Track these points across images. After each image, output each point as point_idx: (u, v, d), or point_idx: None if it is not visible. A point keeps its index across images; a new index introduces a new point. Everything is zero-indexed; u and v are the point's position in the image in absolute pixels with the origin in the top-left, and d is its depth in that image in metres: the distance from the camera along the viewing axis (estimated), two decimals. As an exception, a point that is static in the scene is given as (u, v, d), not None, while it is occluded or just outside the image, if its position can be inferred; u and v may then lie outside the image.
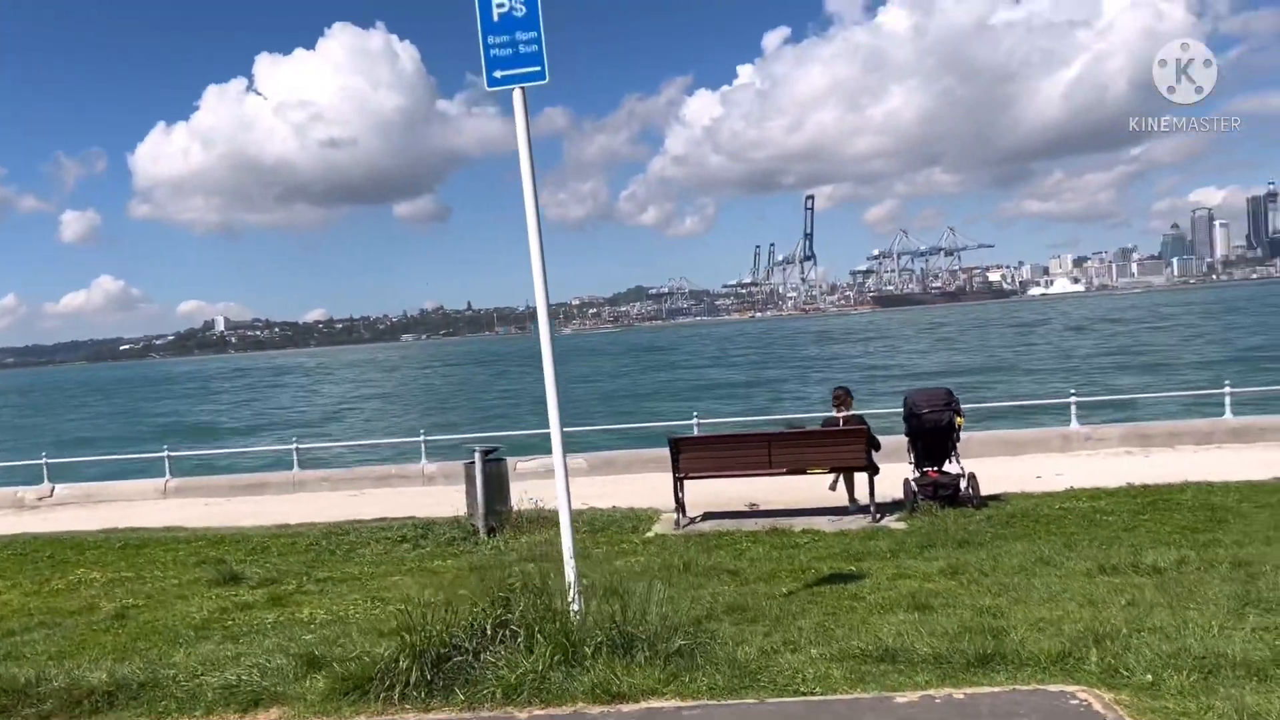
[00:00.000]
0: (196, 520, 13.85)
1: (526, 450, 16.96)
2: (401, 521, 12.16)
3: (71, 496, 16.15)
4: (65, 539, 12.54)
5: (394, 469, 15.77)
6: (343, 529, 11.78)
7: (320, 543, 11.06)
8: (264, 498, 15.56)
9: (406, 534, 11.05)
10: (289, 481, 15.81)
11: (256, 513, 14.42)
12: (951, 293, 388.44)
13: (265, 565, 9.96)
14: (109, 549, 11.59)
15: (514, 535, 10.59)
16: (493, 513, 10.89)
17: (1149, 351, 54.83)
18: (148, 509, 15.35)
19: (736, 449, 10.77)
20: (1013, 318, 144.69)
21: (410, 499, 14.51)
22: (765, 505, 11.74)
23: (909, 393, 10.78)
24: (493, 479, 11.02)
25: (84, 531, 13.16)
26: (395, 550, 10.43)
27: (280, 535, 11.80)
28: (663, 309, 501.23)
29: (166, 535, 12.39)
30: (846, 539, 9.21)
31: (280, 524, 12.96)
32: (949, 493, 10.35)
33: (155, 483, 16.15)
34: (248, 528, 12.74)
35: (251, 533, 12.17)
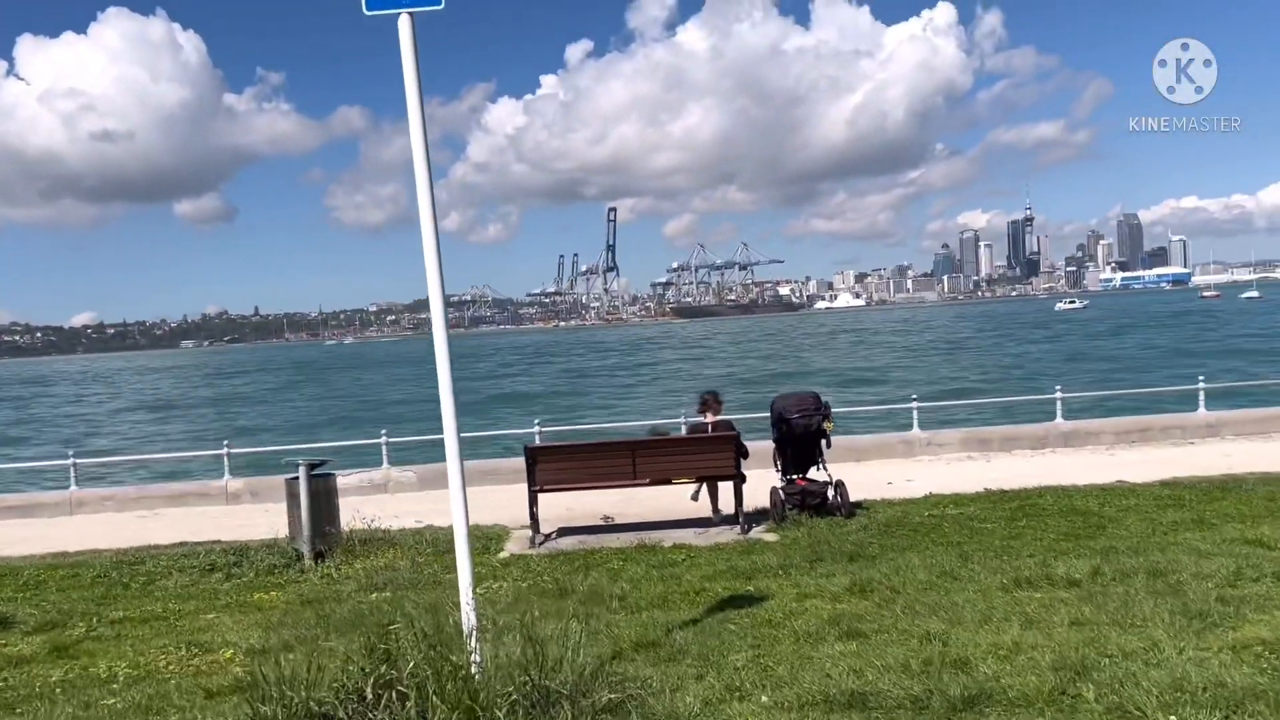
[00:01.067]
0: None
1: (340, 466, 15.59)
2: (207, 546, 10.61)
3: None
4: None
5: (192, 486, 13.93)
6: (136, 557, 10.13)
7: (110, 574, 9.41)
8: (35, 521, 13.34)
9: (216, 561, 9.55)
10: (65, 501, 13.67)
11: (25, 538, 12.30)
12: (745, 305, 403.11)
13: (42, 604, 8.28)
14: None
15: (346, 560, 9.34)
16: (321, 535, 9.58)
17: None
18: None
19: (598, 458, 9.95)
20: (812, 328, 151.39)
21: (214, 520, 12.82)
22: (622, 518, 11.00)
23: (776, 397, 10.32)
24: (320, 496, 9.70)
25: None
26: (205, 581, 8.96)
27: (58, 566, 9.99)
28: (465, 316, 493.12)
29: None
30: (725, 554, 8.59)
31: (57, 552, 11.07)
32: (818, 501, 9.94)
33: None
34: (16, 558, 10.78)
35: (21, 564, 10.26)
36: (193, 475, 17.29)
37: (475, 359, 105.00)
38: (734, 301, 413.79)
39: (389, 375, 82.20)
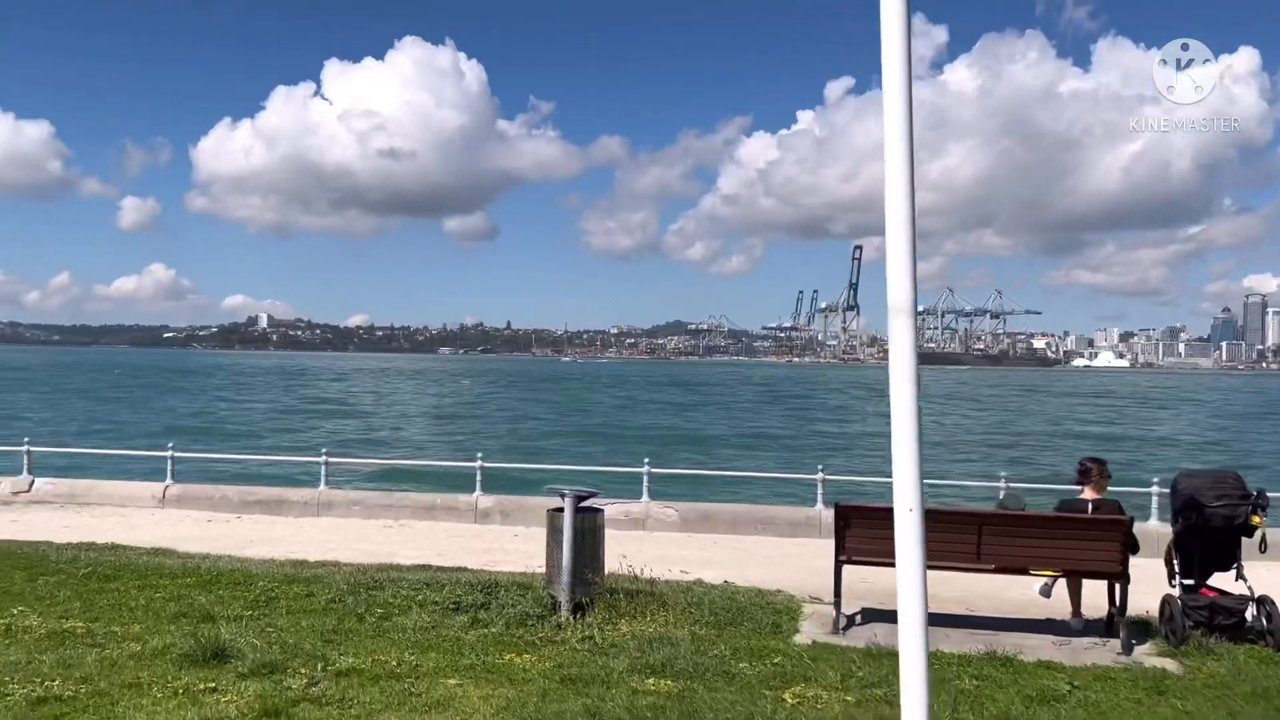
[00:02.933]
0: (193, 542, 11.07)
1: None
2: (452, 574, 9.30)
3: (53, 494, 13.45)
4: (22, 554, 9.79)
5: (440, 499, 12.89)
6: (376, 579, 8.89)
7: (346, 599, 8.18)
8: (279, 520, 12.72)
9: (462, 599, 8.12)
10: (313, 501, 12.98)
11: (268, 538, 11.60)
12: (994, 355, 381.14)
13: (266, 632, 7.09)
14: (70, 576, 8.79)
15: (609, 618, 7.66)
16: (582, 582, 7.95)
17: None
18: (139, 519, 12.59)
19: (931, 531, 7.72)
20: (1071, 387, 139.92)
21: (461, 541, 11.64)
22: (940, 604, 8.72)
23: (1182, 475, 7.74)
24: (585, 536, 8.08)
25: (51, 544, 10.40)
26: (447, 624, 7.51)
27: (294, 580, 8.93)
28: (700, 345, 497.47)
29: (148, 563, 9.56)
30: (1120, 686, 6.19)
31: (296, 559, 10.15)
32: (1233, 621, 7.29)
33: (153, 487, 13.40)
34: (253, 561, 9.92)
35: (257, 571, 9.31)
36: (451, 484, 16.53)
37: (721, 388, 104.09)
38: (982, 351, 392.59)
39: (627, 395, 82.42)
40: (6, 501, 13.37)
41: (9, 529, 11.77)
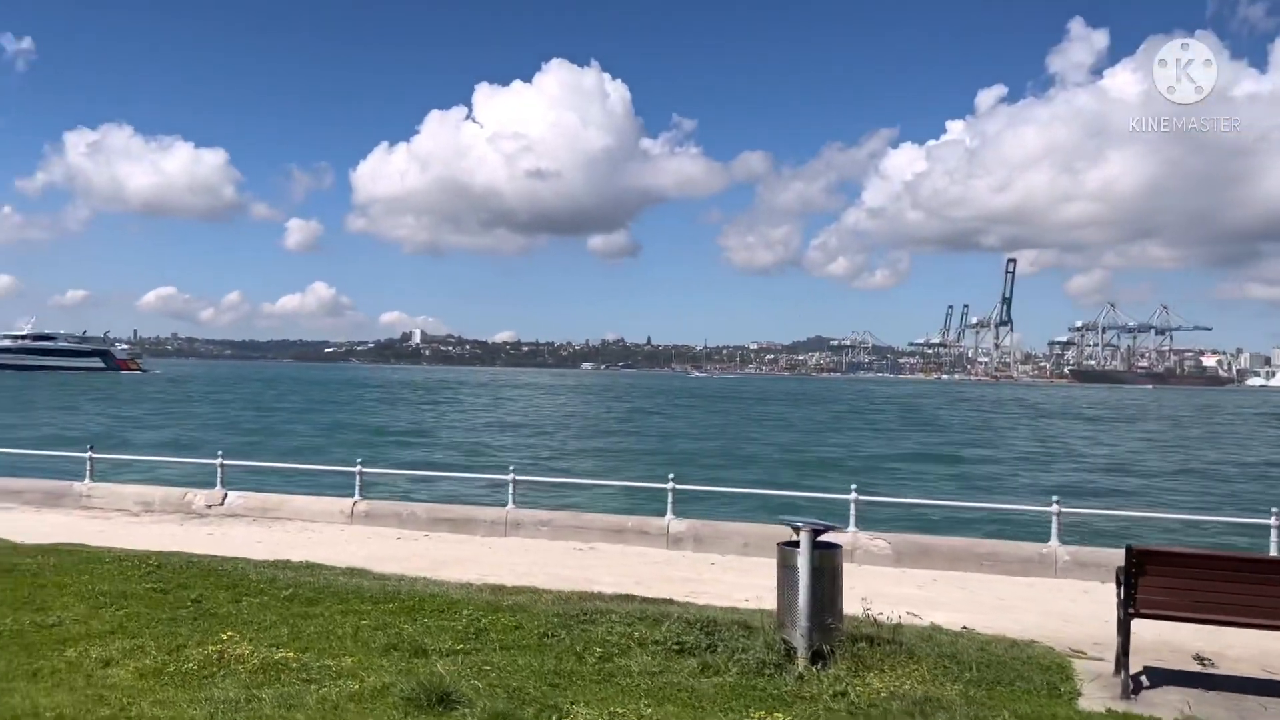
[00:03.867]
0: (387, 561, 10.75)
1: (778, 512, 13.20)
2: (659, 608, 8.60)
3: (245, 508, 13.47)
4: (223, 570, 9.60)
5: (630, 521, 12.22)
6: (583, 611, 8.24)
7: (558, 631, 7.55)
8: (469, 539, 12.32)
9: (684, 639, 7.37)
10: (500, 520, 12.53)
11: (459, 559, 11.19)
12: (1159, 374, 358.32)
13: (484, 671, 6.49)
14: (273, 598, 8.48)
15: (856, 670, 6.74)
16: (821, 628, 7.06)
17: None
18: (330, 535, 12.41)
19: (1240, 579, 6.52)
20: (1256, 405, 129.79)
21: (656, 568, 10.94)
22: (1223, 662, 7.49)
23: None
24: (823, 575, 7.20)
25: (248, 561, 10.23)
26: (675, 668, 6.76)
27: (498, 608, 8.37)
28: (842, 361, 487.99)
29: (347, 585, 9.20)
30: None
31: (493, 583, 9.63)
32: None
33: (342, 503, 13.24)
34: (451, 585, 9.45)
35: (458, 597, 8.81)
36: (635, 504, 15.97)
37: (860, 401, 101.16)
38: (1145, 369, 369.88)
39: (776, 413, 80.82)
40: (201, 514, 13.48)
41: (205, 543, 11.77)
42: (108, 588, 8.57)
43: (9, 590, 8.42)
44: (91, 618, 7.62)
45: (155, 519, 13.27)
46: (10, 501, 14.20)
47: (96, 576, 9.05)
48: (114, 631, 7.25)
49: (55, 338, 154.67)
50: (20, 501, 14.18)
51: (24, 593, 8.37)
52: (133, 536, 11.94)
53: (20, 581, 8.77)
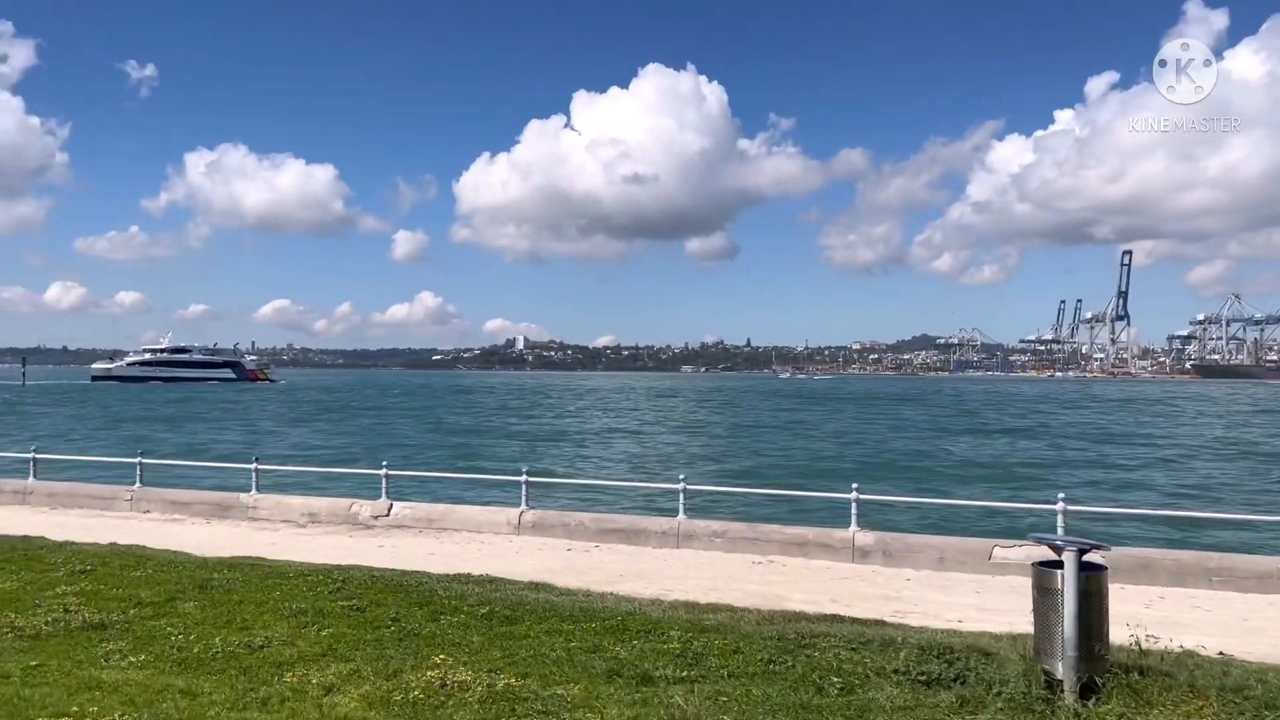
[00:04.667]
0: (564, 574, 10.40)
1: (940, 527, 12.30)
2: (875, 630, 7.97)
3: (411, 518, 13.33)
4: (408, 585, 9.36)
5: (811, 533, 11.59)
6: (799, 635, 7.67)
7: (782, 658, 7.00)
8: (640, 550, 11.90)
9: (925, 668, 6.74)
10: (672, 531, 12.06)
11: (637, 572, 10.76)
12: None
13: (723, 702, 6.01)
14: (471, 617, 8.15)
15: (1135, 704, 6.01)
16: (1089, 657, 6.34)
17: None
18: (499, 546, 12.15)
19: None
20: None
21: (847, 584, 10.30)
22: None
23: None
24: (1090, 600, 6.46)
25: (428, 574, 9.98)
26: (929, 704, 6.14)
27: (702, 627, 7.89)
28: (949, 360, 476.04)
29: (539, 601, 8.84)
30: None
31: (683, 600, 9.17)
32: None
33: (508, 513, 12.97)
34: (643, 601, 9.01)
35: (657, 615, 8.35)
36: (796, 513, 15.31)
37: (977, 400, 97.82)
38: (1275, 363, 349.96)
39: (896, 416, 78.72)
40: (367, 525, 13.40)
41: (379, 555, 11.62)
42: (304, 605, 8.39)
43: (209, 608, 8.31)
44: (297, 638, 7.41)
45: (323, 530, 13.24)
46: (180, 513, 14.41)
47: (287, 593, 8.90)
48: (325, 654, 7.00)
49: (190, 350, 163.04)
50: (189, 513, 14.37)
51: (223, 611, 8.24)
52: (305, 549, 11.89)
53: (216, 598, 8.68)
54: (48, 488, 15.60)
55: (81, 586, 9.01)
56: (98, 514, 14.59)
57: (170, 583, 9.28)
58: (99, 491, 15.32)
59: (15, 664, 6.64)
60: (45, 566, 9.95)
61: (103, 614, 8.03)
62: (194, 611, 8.21)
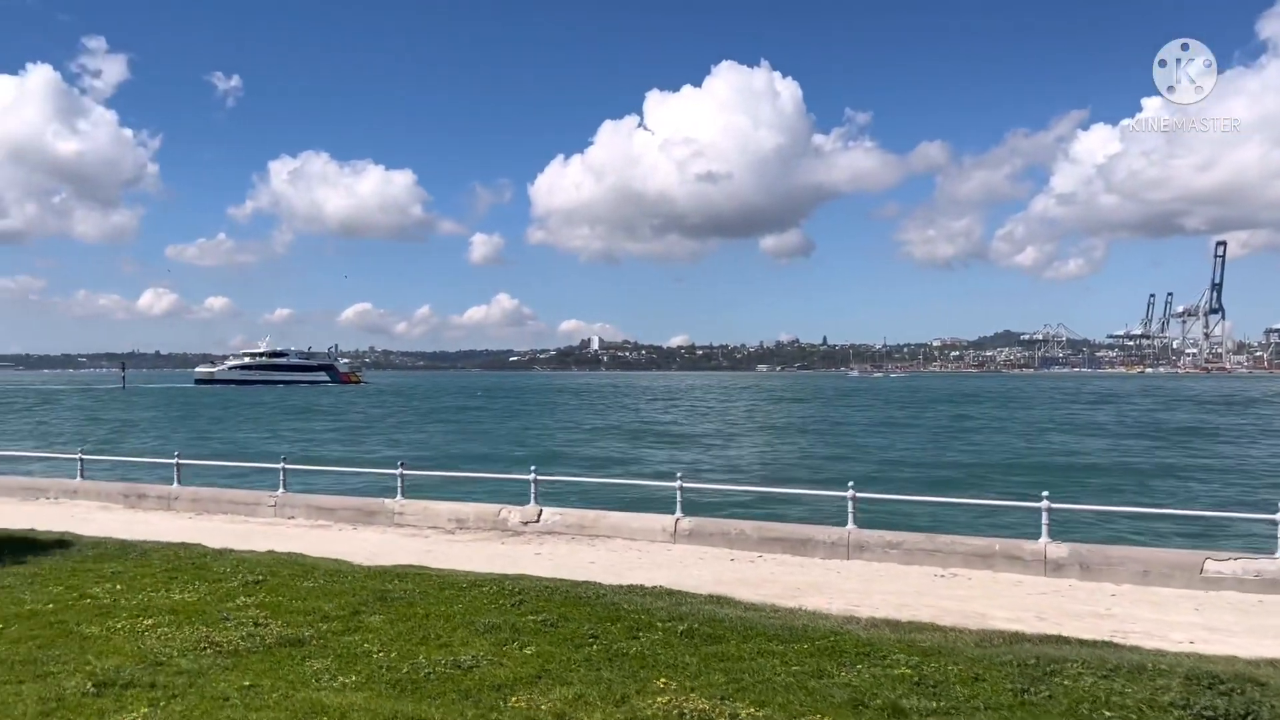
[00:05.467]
0: (736, 585, 9.93)
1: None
2: (1112, 654, 7.32)
3: (562, 525, 12.97)
4: (584, 596, 8.96)
5: (998, 545, 10.89)
6: (1038, 659, 7.05)
7: (1034, 688, 6.39)
8: (808, 561, 11.35)
9: (1208, 701, 6.09)
10: (841, 541, 11.47)
11: (814, 584, 10.22)
12: None
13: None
14: (669, 634, 7.70)
15: None
16: None
17: None
18: (659, 555, 11.71)
19: None
20: None
21: (1048, 599, 9.60)
22: None
23: None
24: None
25: (603, 586, 9.56)
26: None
27: (918, 649, 7.33)
28: (1034, 356, 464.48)
29: (731, 616, 8.36)
30: None
31: (881, 618, 8.58)
32: None
33: (663, 520, 12.52)
34: (833, 617, 8.53)
35: (868, 637, 7.81)
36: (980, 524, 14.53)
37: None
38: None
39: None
40: (517, 532, 13.09)
41: (537, 563, 11.29)
42: (495, 620, 8.04)
43: (398, 622, 8.02)
44: (501, 656, 7.04)
45: (472, 537, 12.97)
46: (324, 519, 14.30)
47: (470, 606, 8.58)
48: (539, 675, 6.61)
49: (287, 354, 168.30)
50: (334, 519, 14.26)
51: (413, 625, 7.93)
52: (461, 557, 11.61)
53: (400, 611, 8.38)
54: (191, 493, 15.68)
55: (260, 598, 8.82)
56: (242, 520, 14.57)
57: (346, 594, 9.04)
58: (242, 497, 15.33)
59: (227, 684, 6.39)
60: (215, 576, 9.81)
61: (292, 628, 7.79)
62: (383, 626, 7.92)
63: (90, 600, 8.75)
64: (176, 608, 8.47)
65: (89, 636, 7.58)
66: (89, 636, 7.58)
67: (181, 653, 7.13)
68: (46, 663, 6.87)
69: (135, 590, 9.16)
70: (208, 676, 6.57)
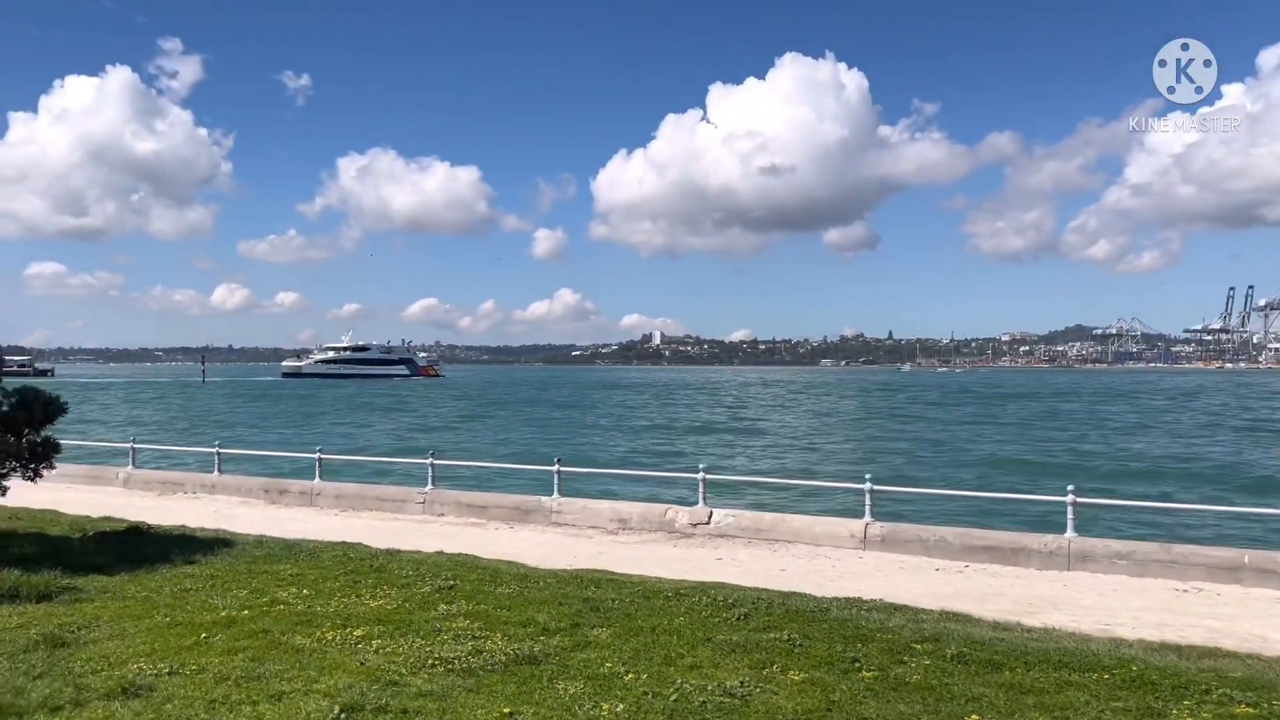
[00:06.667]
0: (957, 599, 9.05)
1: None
2: None
3: (735, 527, 12.17)
4: (808, 612, 8.15)
5: (1247, 556, 9.72)
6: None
7: None
8: (1020, 571, 10.38)
9: None
10: (1060, 551, 10.46)
11: (1044, 599, 9.27)
12: None
13: None
14: (937, 659, 6.84)
15: None
16: None
17: None
18: (851, 564, 10.83)
19: None
20: None
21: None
22: None
23: None
24: None
25: (816, 598, 8.74)
26: None
27: (1254, 678, 6.36)
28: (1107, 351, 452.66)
29: (989, 637, 7.47)
30: None
31: (1166, 641, 7.62)
32: None
33: (850, 525, 11.65)
34: (1096, 639, 7.57)
35: (1153, 658, 6.88)
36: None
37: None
38: None
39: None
40: (686, 534, 12.33)
41: (721, 569, 10.50)
42: (730, 636, 7.27)
43: (628, 637, 7.28)
44: (767, 683, 6.25)
45: (638, 539, 12.23)
46: (476, 517, 13.69)
47: (692, 620, 7.82)
48: (828, 709, 5.81)
49: (369, 349, 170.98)
50: (487, 517, 13.63)
51: (645, 641, 7.19)
52: (638, 560, 10.88)
53: (621, 624, 7.65)
54: (335, 489, 15.19)
55: (463, 606, 8.15)
56: (390, 517, 14.02)
57: (549, 603, 8.34)
58: (389, 493, 14.79)
59: (484, 711, 5.68)
60: (399, 580, 9.19)
61: (516, 642, 7.10)
62: (613, 641, 7.19)
63: (283, 606, 8.18)
64: (379, 616, 7.85)
65: (302, 649, 6.97)
66: (302, 649, 6.97)
67: (411, 670, 6.47)
68: (270, 679, 6.26)
69: (324, 595, 8.58)
70: (455, 700, 5.89)
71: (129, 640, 7.20)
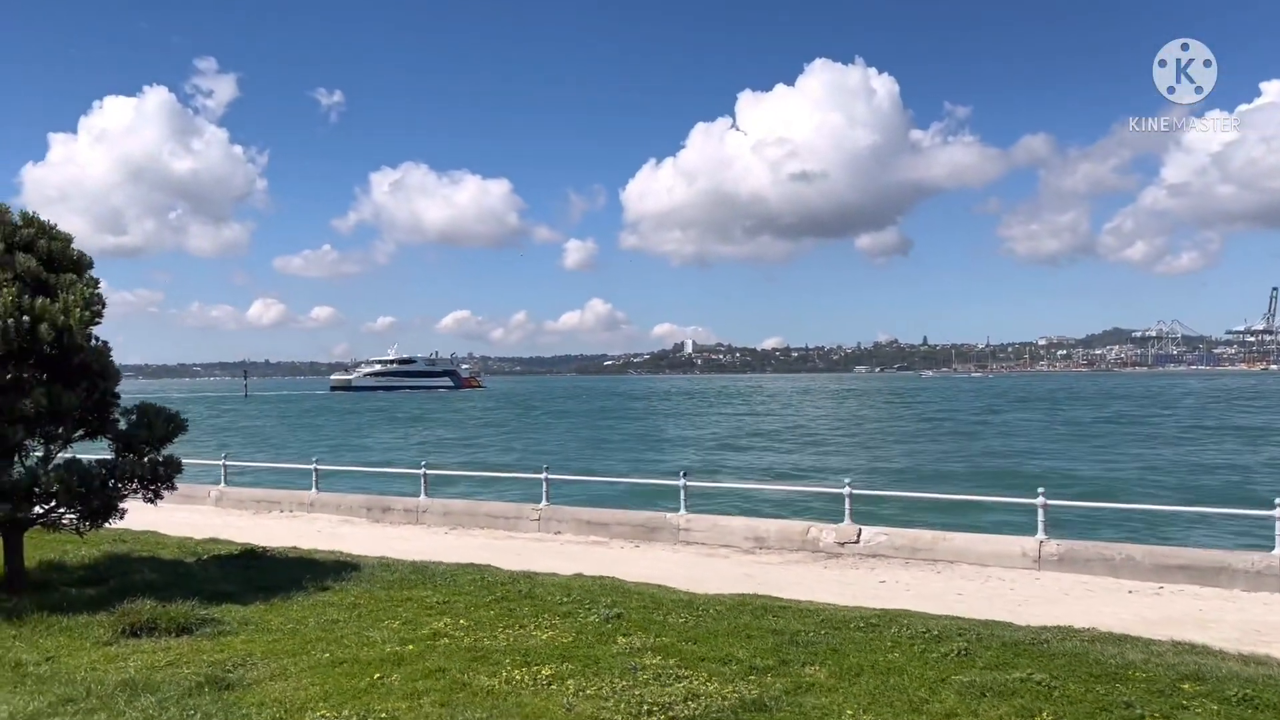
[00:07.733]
0: (1170, 627, 8.08)
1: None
2: None
3: (888, 546, 11.28)
4: (1028, 645, 7.29)
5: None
6: None
7: None
8: (1224, 593, 9.43)
9: None
10: (1270, 570, 9.50)
11: (1254, 627, 8.32)
12: None
13: None
14: (1225, 704, 5.98)
15: None
16: None
17: None
18: (1029, 587, 9.91)
19: None
20: None
21: None
22: None
23: None
24: None
25: (1022, 628, 7.88)
26: None
27: None
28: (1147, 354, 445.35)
29: (1262, 676, 6.58)
30: None
31: None
32: None
33: (1023, 543, 10.72)
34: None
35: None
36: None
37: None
38: None
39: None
40: (832, 554, 11.48)
41: (891, 594, 9.64)
42: (966, 678, 6.43)
43: (849, 678, 6.49)
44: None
45: (780, 559, 11.39)
46: (598, 534, 12.92)
47: (909, 655, 7.00)
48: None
49: (414, 361, 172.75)
50: (608, 534, 12.86)
51: (873, 684, 6.39)
52: (794, 583, 10.05)
53: (832, 661, 6.85)
54: (442, 505, 14.48)
55: (644, 640, 7.38)
56: (505, 535, 13.28)
57: (735, 634, 7.57)
58: (500, 510, 14.06)
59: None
60: (559, 608, 8.43)
61: (730, 685, 6.32)
62: (836, 683, 6.38)
63: (447, 639, 7.45)
64: (559, 652, 7.10)
65: (493, 691, 6.24)
66: (493, 691, 6.24)
67: (631, 719, 5.71)
68: (475, 732, 5.53)
69: (484, 626, 7.84)
70: (701, 758, 5.12)
71: (295, 681, 6.51)
